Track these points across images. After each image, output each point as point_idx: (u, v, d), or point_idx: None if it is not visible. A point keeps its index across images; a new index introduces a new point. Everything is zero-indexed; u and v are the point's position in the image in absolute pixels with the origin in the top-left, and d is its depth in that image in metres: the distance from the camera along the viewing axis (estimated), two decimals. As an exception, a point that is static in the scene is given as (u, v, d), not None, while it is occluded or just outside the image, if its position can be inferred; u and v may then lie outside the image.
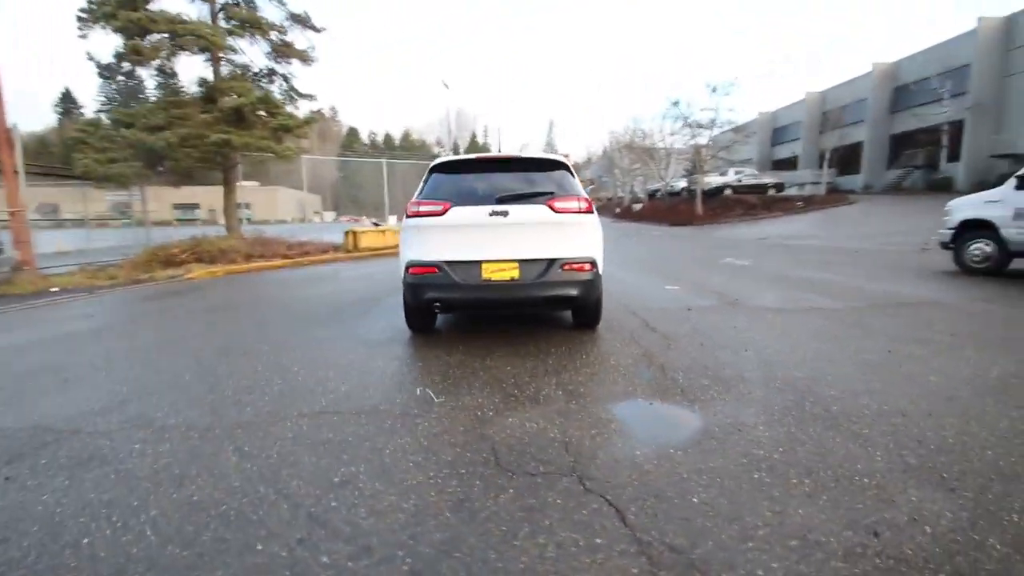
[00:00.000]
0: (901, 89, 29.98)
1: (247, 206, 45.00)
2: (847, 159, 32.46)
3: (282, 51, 13.26)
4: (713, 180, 29.28)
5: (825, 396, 3.09)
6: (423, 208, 4.06)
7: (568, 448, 2.54)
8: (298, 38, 14.07)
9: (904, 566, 1.66)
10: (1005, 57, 23.58)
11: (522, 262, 4.00)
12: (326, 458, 2.46)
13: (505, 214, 3.99)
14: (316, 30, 14.29)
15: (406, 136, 74.50)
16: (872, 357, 3.87)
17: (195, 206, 51.10)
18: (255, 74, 14.27)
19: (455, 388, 3.39)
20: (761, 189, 29.36)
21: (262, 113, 13.02)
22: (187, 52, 12.74)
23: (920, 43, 31.53)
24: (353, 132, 74.99)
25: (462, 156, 4.40)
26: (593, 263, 4.10)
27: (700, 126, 25.75)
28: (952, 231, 8.34)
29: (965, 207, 8.22)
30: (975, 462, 2.29)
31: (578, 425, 2.80)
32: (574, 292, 4.07)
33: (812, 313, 5.48)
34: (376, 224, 16.17)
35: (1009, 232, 7.43)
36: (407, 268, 4.13)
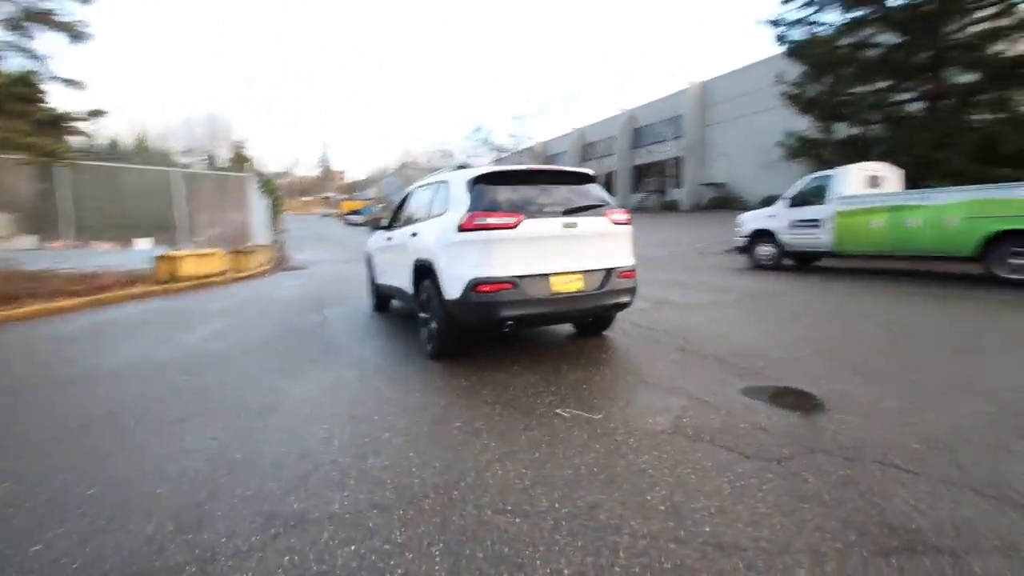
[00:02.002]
0: (639, 130, 37.89)
1: None
2: (603, 184, 39.39)
3: (36, 19, 9.73)
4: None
5: (851, 361, 4.02)
6: (492, 220, 3.75)
7: (778, 430, 2.81)
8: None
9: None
10: (705, 111, 32.09)
11: (586, 273, 4.05)
12: (616, 493, 2.22)
13: (575, 226, 3.99)
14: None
15: (140, 141, 60.72)
16: (823, 333, 5.11)
17: None
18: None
19: (585, 403, 3.29)
20: (551, 208, 33.49)
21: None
22: None
23: (653, 94, 40.26)
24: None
25: (506, 167, 4.18)
26: (635, 270, 4.40)
27: (502, 149, 28.10)
28: (746, 238, 11.18)
29: (754, 220, 11.10)
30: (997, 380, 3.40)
31: (745, 413, 3.07)
32: (627, 299, 4.31)
33: (725, 305, 6.78)
34: (174, 247, 13.03)
35: (784, 238, 10.36)
36: (472, 287, 3.75)
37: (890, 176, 9.80)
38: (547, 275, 3.91)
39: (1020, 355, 3.97)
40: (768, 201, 23.37)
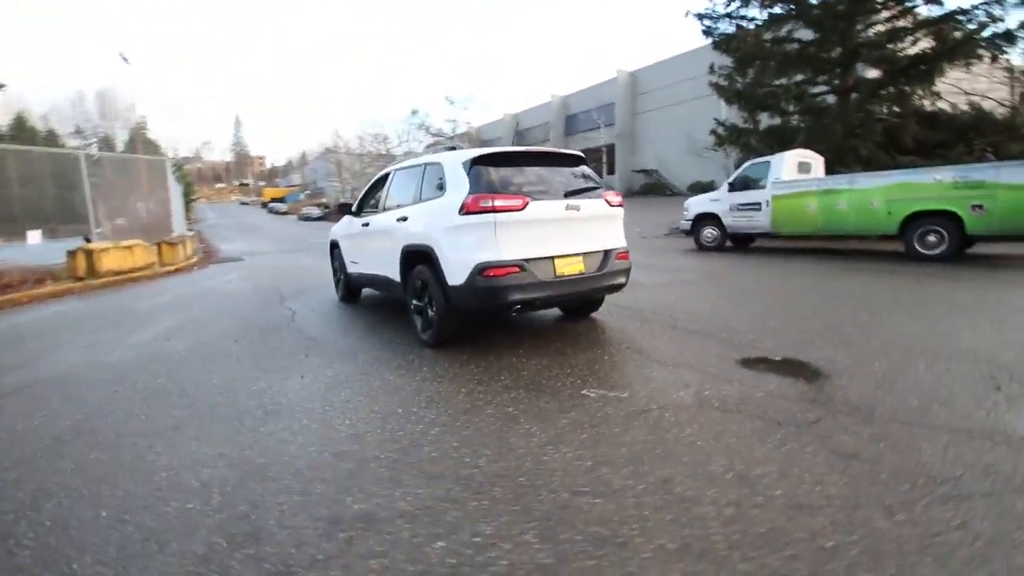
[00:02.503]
0: (572, 117, 38.53)
1: None
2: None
3: None
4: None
5: (822, 331, 4.35)
6: (499, 203, 3.65)
7: (793, 396, 2.99)
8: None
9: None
10: (635, 100, 33.18)
11: (586, 255, 4.08)
12: (679, 467, 2.27)
13: (578, 208, 3.98)
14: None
15: (20, 123, 53.22)
16: (787, 307, 5.50)
17: None
18: None
19: (606, 383, 3.33)
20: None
21: None
22: None
23: (584, 82, 41.01)
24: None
25: (503, 149, 4.06)
26: (628, 251, 4.49)
27: (439, 134, 27.51)
28: (691, 221, 11.75)
29: (698, 204, 11.68)
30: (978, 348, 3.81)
31: (755, 383, 3.24)
32: (623, 280, 4.39)
33: (688, 284, 7.11)
34: (88, 240, 11.63)
35: (727, 220, 11.01)
36: (479, 271, 3.65)
37: (816, 163, 10.68)
38: (552, 257, 3.89)
39: (960, 321, 4.49)
40: (696, 187, 24.82)
